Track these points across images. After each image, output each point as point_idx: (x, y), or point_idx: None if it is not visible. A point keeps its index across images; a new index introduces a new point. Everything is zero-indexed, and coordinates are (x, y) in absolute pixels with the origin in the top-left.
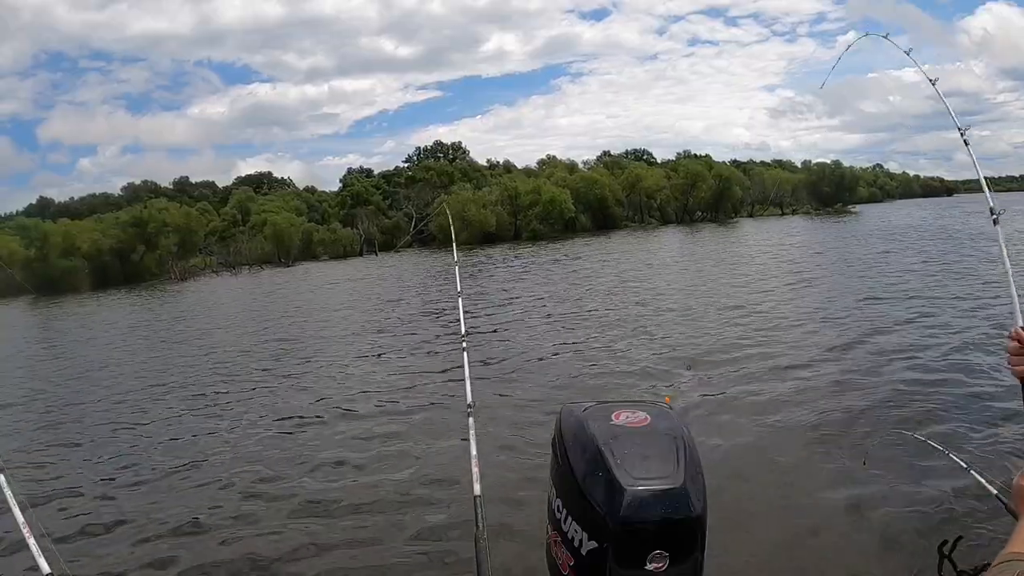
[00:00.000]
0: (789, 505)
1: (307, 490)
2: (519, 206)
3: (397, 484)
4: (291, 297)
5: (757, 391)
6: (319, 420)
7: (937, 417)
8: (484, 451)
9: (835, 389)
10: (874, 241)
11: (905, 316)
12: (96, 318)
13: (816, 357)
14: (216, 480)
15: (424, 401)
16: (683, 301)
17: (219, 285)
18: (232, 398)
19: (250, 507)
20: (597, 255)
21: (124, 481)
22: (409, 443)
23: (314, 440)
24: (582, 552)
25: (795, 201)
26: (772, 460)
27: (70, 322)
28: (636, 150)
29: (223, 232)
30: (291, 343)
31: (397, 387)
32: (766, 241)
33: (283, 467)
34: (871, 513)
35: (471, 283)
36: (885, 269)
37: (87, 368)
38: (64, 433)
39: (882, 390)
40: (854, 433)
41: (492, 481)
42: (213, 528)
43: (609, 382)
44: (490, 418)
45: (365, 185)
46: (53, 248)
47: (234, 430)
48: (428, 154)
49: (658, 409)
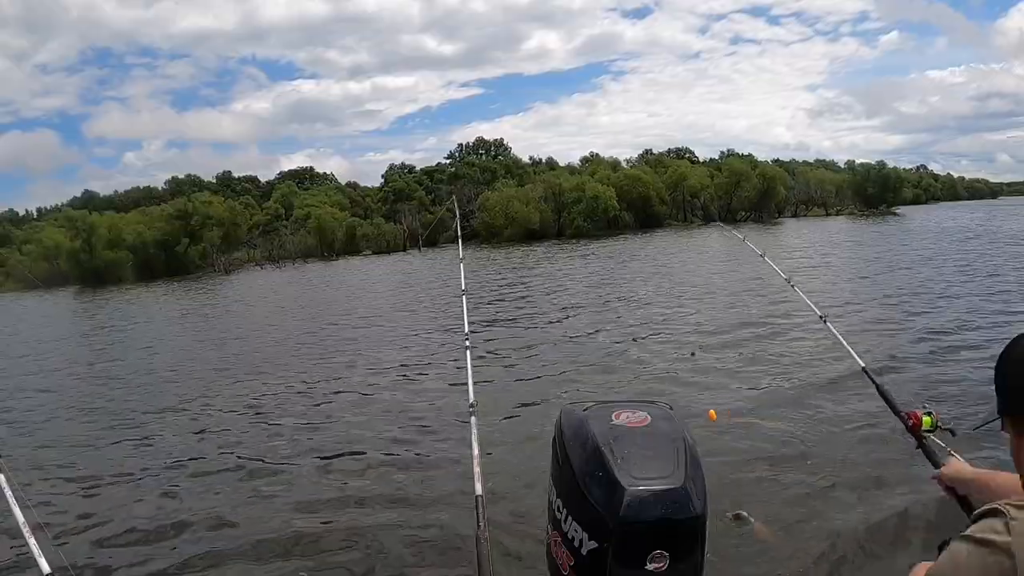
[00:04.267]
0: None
1: (307, 489)
2: (563, 203)
3: (398, 484)
4: (326, 293)
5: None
6: (321, 420)
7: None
8: (486, 451)
9: (839, 386)
10: (945, 245)
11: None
12: (136, 309)
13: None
14: (216, 479)
15: (427, 400)
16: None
17: (262, 278)
18: (235, 398)
19: (250, 504)
20: (645, 255)
21: (126, 479)
22: (410, 443)
23: (315, 440)
24: (582, 552)
25: (839, 202)
26: (772, 456)
27: (112, 312)
28: (678, 149)
29: (266, 226)
30: (313, 339)
31: (401, 387)
32: (820, 242)
33: (283, 465)
34: (870, 511)
35: (506, 279)
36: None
37: (112, 360)
38: (66, 430)
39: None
40: (856, 430)
41: (494, 481)
42: (214, 526)
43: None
44: (493, 418)
45: (407, 181)
46: (99, 240)
47: (235, 430)
48: (470, 151)
49: (659, 409)
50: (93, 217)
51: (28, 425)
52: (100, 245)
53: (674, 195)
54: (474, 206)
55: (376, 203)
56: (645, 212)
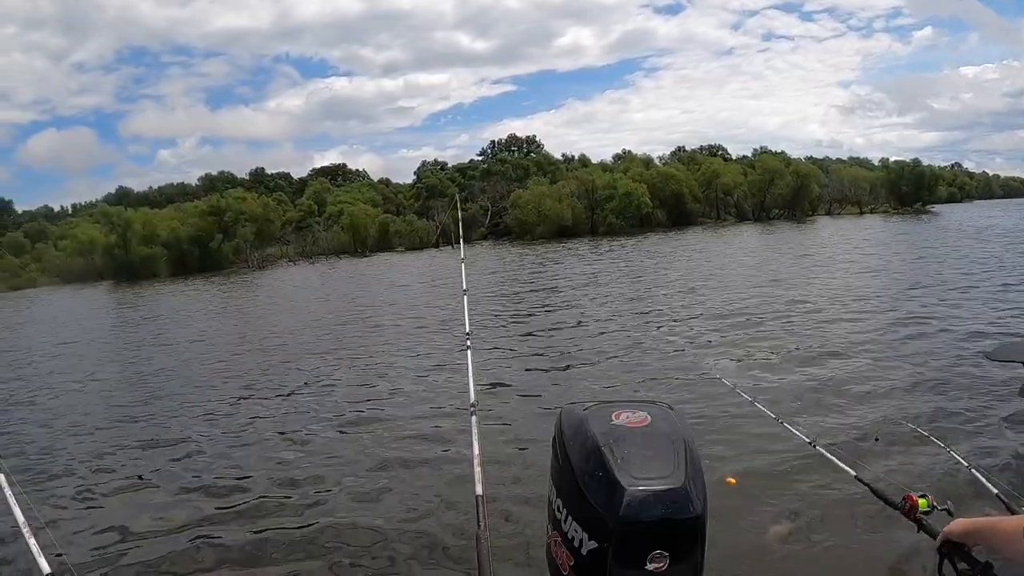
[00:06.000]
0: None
1: (308, 489)
2: (596, 200)
3: (399, 484)
4: (355, 288)
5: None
6: (323, 420)
7: (942, 413)
8: (487, 450)
9: (846, 385)
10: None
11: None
12: (176, 302)
13: (841, 351)
14: (217, 479)
15: (429, 399)
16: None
17: (296, 274)
18: (240, 396)
19: (251, 507)
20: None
21: (129, 478)
22: (412, 443)
23: (316, 440)
24: (582, 552)
25: (873, 200)
26: (770, 452)
27: (151, 305)
28: (711, 146)
29: (299, 222)
30: (333, 336)
31: (406, 385)
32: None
33: (284, 465)
34: (870, 509)
35: (530, 276)
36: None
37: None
38: (70, 427)
39: (894, 384)
40: (859, 427)
41: (494, 481)
42: (216, 525)
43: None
44: (495, 417)
45: (440, 177)
46: (134, 235)
47: (236, 429)
48: (502, 147)
49: (659, 409)
50: (128, 213)
51: (37, 423)
52: (135, 241)
53: (707, 192)
54: (506, 203)
55: (408, 200)
56: (678, 209)
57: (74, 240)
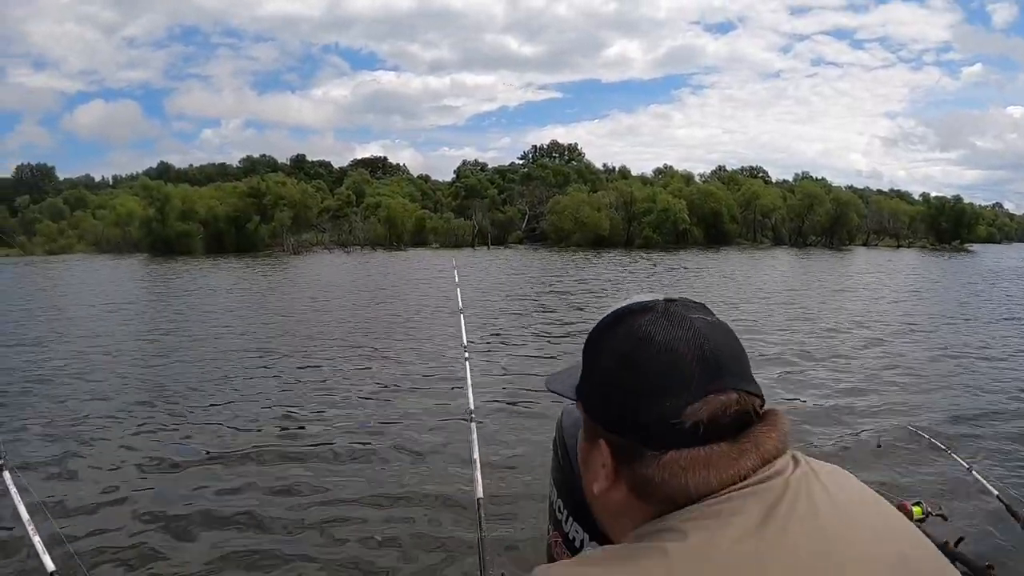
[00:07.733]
0: None
1: (309, 491)
2: (633, 213)
3: (400, 486)
4: (393, 280)
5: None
6: (325, 419)
7: (946, 419)
8: (486, 453)
9: (856, 387)
10: None
11: None
12: (212, 280)
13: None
14: (217, 479)
15: (430, 405)
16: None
17: (331, 262)
18: (243, 397)
19: (254, 508)
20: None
21: (130, 478)
22: (413, 444)
23: (317, 442)
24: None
25: (911, 234)
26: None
27: (187, 281)
28: (752, 167)
29: (336, 211)
30: (358, 330)
31: (405, 389)
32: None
33: (284, 467)
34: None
35: (556, 280)
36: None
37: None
38: (71, 426)
39: (898, 388)
40: (864, 426)
41: (494, 484)
42: (219, 525)
43: None
44: (494, 420)
45: (479, 178)
46: (172, 210)
47: (237, 429)
48: (544, 153)
49: None
50: (168, 188)
51: (55, 400)
52: (173, 215)
53: (745, 213)
54: (544, 208)
55: (447, 197)
56: (715, 228)
57: (113, 211)
